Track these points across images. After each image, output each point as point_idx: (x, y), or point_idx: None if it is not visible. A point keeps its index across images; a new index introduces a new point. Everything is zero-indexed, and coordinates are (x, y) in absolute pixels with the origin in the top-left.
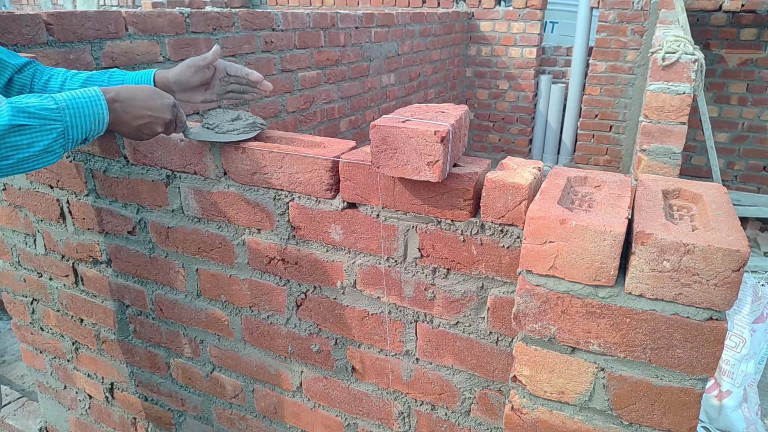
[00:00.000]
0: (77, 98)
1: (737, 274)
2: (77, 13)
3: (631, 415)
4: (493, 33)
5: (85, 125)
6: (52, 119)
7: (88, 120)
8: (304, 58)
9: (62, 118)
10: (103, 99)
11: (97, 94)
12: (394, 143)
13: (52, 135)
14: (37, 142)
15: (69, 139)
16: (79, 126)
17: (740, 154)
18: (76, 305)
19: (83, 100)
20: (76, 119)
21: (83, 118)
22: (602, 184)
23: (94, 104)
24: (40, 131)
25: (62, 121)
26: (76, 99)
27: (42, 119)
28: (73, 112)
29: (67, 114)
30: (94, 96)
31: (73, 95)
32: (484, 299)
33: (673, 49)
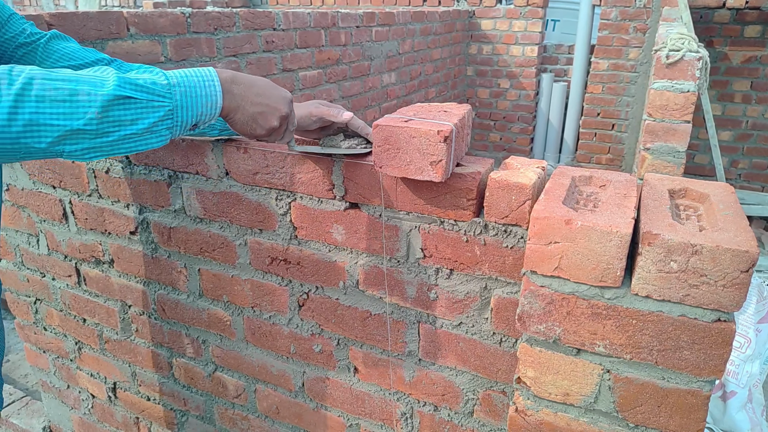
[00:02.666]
0: (189, 76)
1: (746, 275)
2: (79, 14)
3: (637, 417)
4: (495, 31)
5: (196, 107)
6: (161, 95)
7: (200, 101)
8: (305, 57)
9: (172, 96)
10: (218, 80)
11: (210, 73)
12: (397, 143)
13: (159, 113)
14: (142, 118)
15: (177, 121)
16: (190, 107)
17: (744, 153)
18: (78, 305)
19: (196, 79)
20: (188, 99)
21: (195, 98)
22: (607, 183)
23: (208, 84)
24: (146, 107)
25: (172, 98)
26: (189, 77)
27: (150, 93)
28: (185, 90)
29: (178, 92)
30: (207, 76)
31: (186, 73)
32: (487, 300)
33: (676, 46)
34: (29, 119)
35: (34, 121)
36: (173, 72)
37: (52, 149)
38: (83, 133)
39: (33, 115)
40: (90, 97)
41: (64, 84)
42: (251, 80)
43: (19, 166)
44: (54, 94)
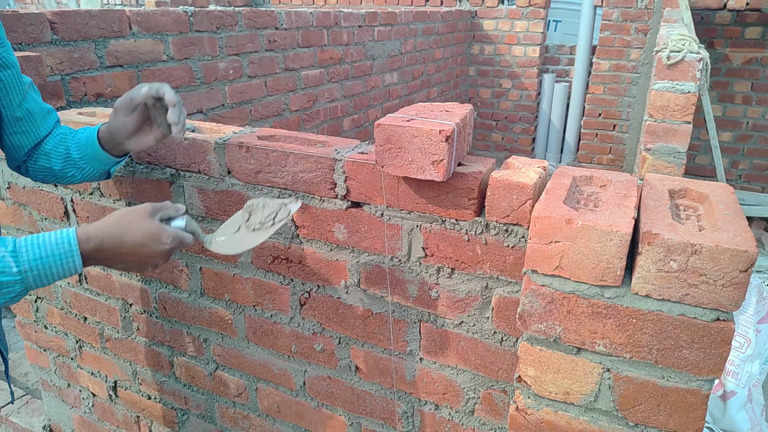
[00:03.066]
0: (45, 258)
1: (745, 275)
2: (81, 12)
3: (636, 416)
4: (496, 32)
5: (51, 279)
6: (11, 283)
7: (55, 275)
8: (307, 56)
9: (24, 281)
10: (78, 255)
11: (70, 247)
12: (399, 142)
13: (10, 295)
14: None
15: (31, 290)
16: (44, 281)
17: (744, 154)
18: (79, 304)
19: (52, 259)
20: (41, 278)
21: (50, 276)
22: (608, 183)
23: (65, 261)
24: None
25: (23, 282)
26: (44, 258)
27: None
28: (38, 273)
29: (30, 276)
30: (66, 252)
31: (41, 251)
32: (488, 299)
33: (677, 47)
34: None
35: None
36: (29, 251)
37: None
38: None
39: None
40: None
41: None
42: (118, 241)
43: None
44: None
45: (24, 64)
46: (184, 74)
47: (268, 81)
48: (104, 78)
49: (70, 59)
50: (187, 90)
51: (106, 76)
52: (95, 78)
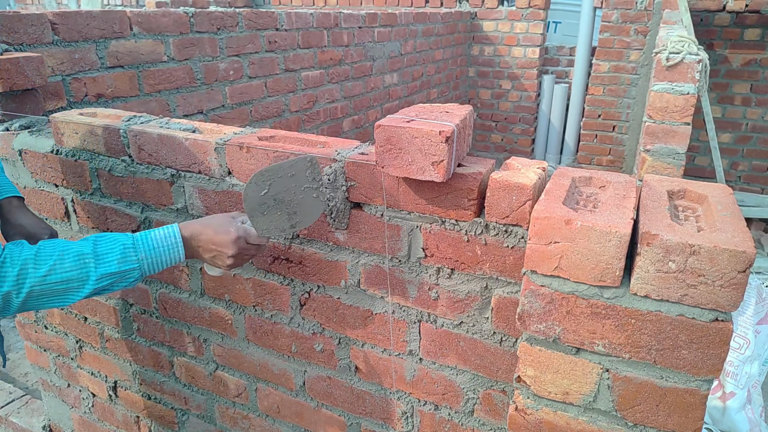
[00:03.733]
0: (157, 248)
1: (743, 276)
2: (82, 13)
3: (635, 416)
4: (496, 33)
5: (161, 267)
6: (130, 270)
7: (164, 263)
8: (307, 57)
9: (140, 268)
10: (182, 244)
11: (176, 238)
12: (399, 143)
13: (130, 280)
14: (116, 285)
15: (145, 276)
16: (155, 269)
17: (744, 155)
18: (80, 304)
19: (162, 249)
20: (153, 266)
21: (160, 264)
22: (607, 184)
23: (173, 252)
24: (120, 281)
25: (140, 269)
26: (156, 249)
27: (122, 274)
28: (151, 261)
29: (145, 264)
30: (173, 246)
31: (154, 243)
32: (488, 299)
33: (677, 49)
34: (33, 306)
35: (38, 307)
36: (143, 243)
37: None
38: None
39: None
40: (76, 292)
41: (57, 286)
42: (204, 230)
43: (21, 165)
44: (50, 293)
45: (25, 64)
46: (184, 75)
47: (269, 82)
48: (105, 78)
49: (71, 60)
50: (188, 91)
51: (107, 77)
52: (96, 78)
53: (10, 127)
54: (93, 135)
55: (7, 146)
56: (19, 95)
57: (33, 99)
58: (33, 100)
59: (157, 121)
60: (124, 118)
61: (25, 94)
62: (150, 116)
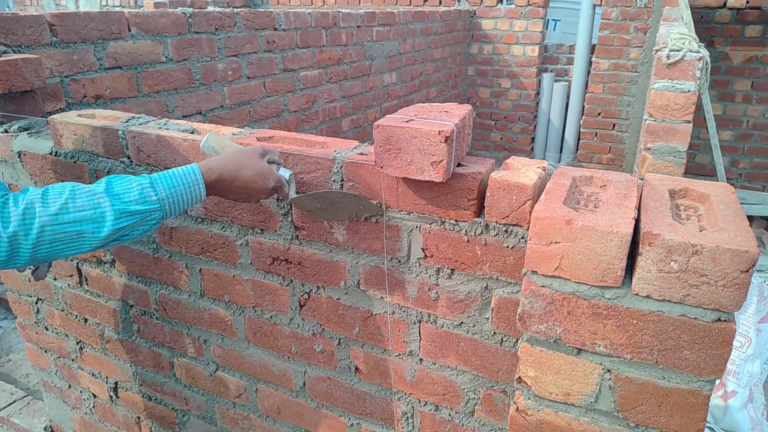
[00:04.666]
0: (177, 186)
1: (746, 275)
2: (80, 14)
3: (637, 417)
4: (495, 31)
5: (182, 206)
6: (152, 211)
7: (185, 202)
8: (306, 57)
9: (162, 208)
10: (203, 184)
11: (197, 178)
12: (398, 143)
13: (150, 224)
14: (137, 232)
15: (166, 218)
16: (177, 208)
17: (745, 152)
18: (80, 305)
19: (183, 188)
20: (175, 205)
21: (181, 203)
22: (608, 183)
23: (193, 190)
24: (140, 225)
25: (161, 209)
26: (176, 187)
27: (143, 214)
28: (172, 200)
29: (167, 203)
30: (194, 181)
31: (173, 181)
32: (488, 300)
33: (677, 46)
34: (47, 254)
35: (52, 255)
36: (162, 180)
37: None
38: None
39: (49, 252)
40: (93, 235)
41: (71, 227)
42: (234, 175)
43: (20, 166)
44: (63, 237)
45: (24, 66)
46: (183, 75)
47: (267, 82)
48: (103, 79)
49: (69, 61)
50: (186, 91)
51: (106, 78)
52: (94, 80)
53: (9, 129)
54: (92, 136)
55: (7, 148)
56: (17, 97)
57: (32, 100)
58: (32, 102)
59: (155, 122)
60: (122, 120)
61: (24, 96)
62: (148, 117)
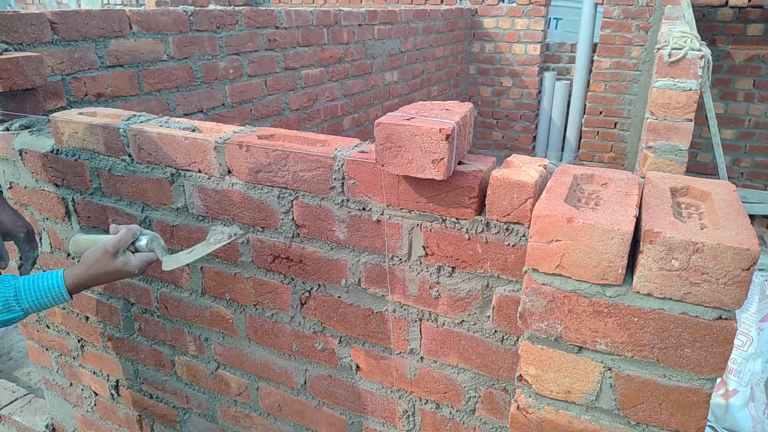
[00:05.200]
0: (41, 299)
1: (747, 273)
2: (82, 12)
3: (638, 415)
4: (497, 30)
5: (43, 309)
6: (15, 317)
7: (47, 306)
8: (307, 55)
9: (25, 313)
10: (66, 292)
11: (60, 291)
12: (399, 141)
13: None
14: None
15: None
16: (40, 310)
17: (746, 151)
18: (81, 303)
19: (46, 299)
20: (38, 309)
21: (43, 307)
22: (609, 182)
23: (56, 298)
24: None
25: (25, 313)
26: (40, 300)
27: (6, 322)
28: (36, 306)
29: (31, 309)
30: (57, 294)
31: (38, 294)
32: (489, 298)
33: (679, 45)
34: None
35: None
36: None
37: None
38: None
39: None
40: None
41: None
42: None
43: (22, 164)
44: None
45: (25, 64)
46: (184, 74)
47: (268, 80)
48: (105, 78)
49: (70, 59)
50: (188, 90)
51: (107, 76)
52: (96, 78)
53: (11, 127)
54: (93, 134)
55: (8, 146)
56: (19, 95)
57: (33, 99)
58: (33, 100)
59: (156, 120)
60: (123, 118)
61: (25, 94)
62: (149, 115)
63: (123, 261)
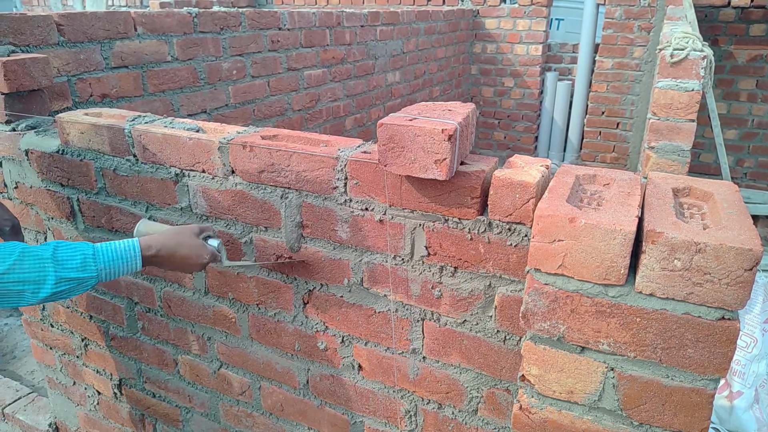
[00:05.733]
0: (116, 260)
1: (750, 273)
2: (87, 14)
3: (641, 416)
4: (499, 30)
5: (116, 275)
6: (89, 278)
7: (120, 273)
8: (309, 56)
9: (98, 276)
10: (140, 258)
11: (135, 255)
12: (402, 141)
13: (87, 287)
14: (74, 292)
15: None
16: (111, 277)
17: (749, 151)
18: (85, 302)
19: (121, 261)
20: (110, 275)
21: (116, 273)
22: (611, 182)
23: (130, 263)
24: (78, 288)
25: (98, 278)
26: (115, 261)
27: (80, 281)
28: (109, 271)
29: (103, 273)
30: (131, 257)
31: (114, 254)
32: (491, 298)
33: (681, 45)
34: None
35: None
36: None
37: None
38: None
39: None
40: (33, 295)
41: (14, 286)
42: (172, 251)
43: (28, 165)
44: (5, 293)
45: (31, 65)
46: (188, 75)
47: (271, 81)
48: (110, 79)
49: (76, 60)
50: (192, 90)
51: (112, 77)
52: (101, 79)
53: (17, 128)
54: (98, 135)
55: (14, 146)
56: (25, 96)
57: (39, 99)
58: (39, 101)
59: (161, 121)
60: (128, 118)
61: (32, 95)
62: (154, 116)
63: (202, 243)
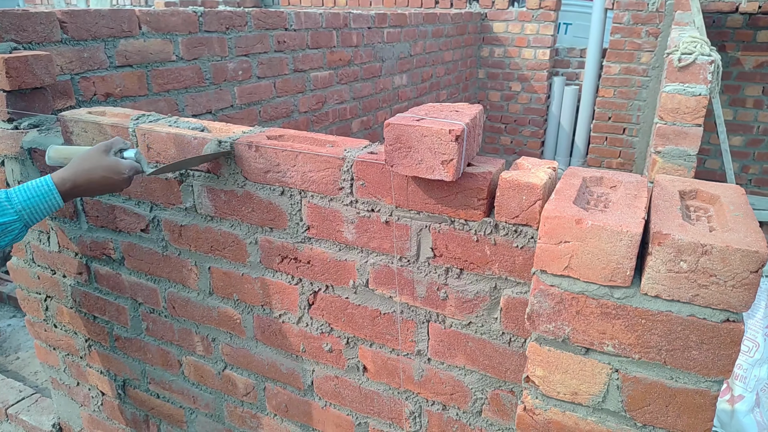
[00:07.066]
0: (32, 198)
1: (755, 276)
2: (91, 12)
3: (645, 417)
4: (506, 34)
5: (41, 215)
6: (11, 222)
7: (44, 212)
8: (316, 58)
9: (21, 219)
10: (58, 194)
11: (50, 190)
12: (409, 142)
13: (14, 233)
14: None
15: (29, 226)
16: (36, 218)
17: (755, 158)
18: (89, 302)
19: (38, 199)
20: (34, 215)
21: (40, 213)
22: (618, 184)
23: (49, 200)
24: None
25: (21, 220)
26: (31, 199)
27: (3, 226)
28: (30, 211)
29: (25, 214)
30: (47, 193)
31: (27, 194)
32: (497, 299)
33: (689, 50)
34: None
35: None
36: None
37: None
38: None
39: None
40: None
41: None
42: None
43: (30, 163)
44: None
45: (34, 63)
46: (193, 74)
47: (278, 82)
48: (114, 78)
49: (79, 59)
50: (197, 90)
51: (116, 76)
52: (105, 77)
53: (20, 126)
54: (102, 134)
55: (17, 145)
56: (28, 94)
57: (42, 98)
58: (42, 99)
59: (165, 120)
60: (132, 117)
61: (35, 93)
62: (159, 115)
63: (115, 159)
